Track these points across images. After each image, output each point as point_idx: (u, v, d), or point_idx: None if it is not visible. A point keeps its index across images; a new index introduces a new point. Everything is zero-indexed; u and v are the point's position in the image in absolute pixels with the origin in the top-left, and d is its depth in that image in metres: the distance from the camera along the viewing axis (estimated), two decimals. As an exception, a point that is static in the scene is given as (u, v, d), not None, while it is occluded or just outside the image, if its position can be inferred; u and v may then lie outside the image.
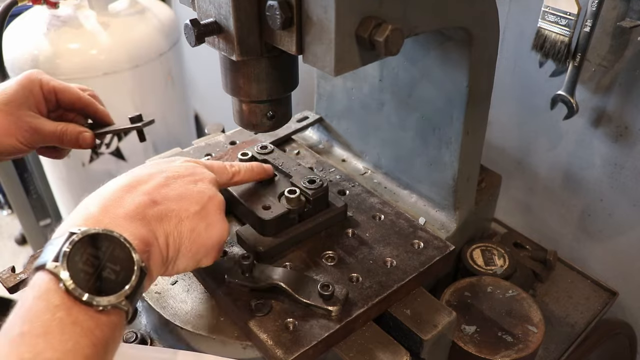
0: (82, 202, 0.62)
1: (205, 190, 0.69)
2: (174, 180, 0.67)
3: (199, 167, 0.73)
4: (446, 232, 0.91)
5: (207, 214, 0.67)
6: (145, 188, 0.64)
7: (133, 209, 0.60)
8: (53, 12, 1.65)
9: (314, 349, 0.67)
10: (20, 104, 0.86)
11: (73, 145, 0.90)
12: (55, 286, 0.49)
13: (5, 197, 2.81)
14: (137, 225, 0.58)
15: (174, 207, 0.64)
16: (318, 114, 1.14)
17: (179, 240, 0.64)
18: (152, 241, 0.59)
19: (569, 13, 0.96)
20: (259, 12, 0.62)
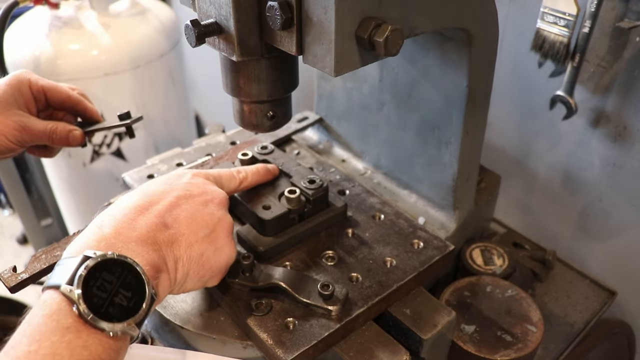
0: (96, 221, 0.63)
1: (215, 212, 0.69)
2: (184, 200, 0.67)
3: (209, 185, 0.73)
4: (446, 232, 0.92)
5: (216, 238, 0.68)
6: (157, 209, 0.64)
7: (145, 232, 0.60)
8: (54, 13, 1.66)
9: (314, 349, 0.67)
10: (10, 104, 0.86)
11: (63, 143, 0.91)
12: (67, 308, 0.50)
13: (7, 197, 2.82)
14: (149, 250, 0.59)
15: (184, 231, 0.64)
16: (318, 114, 1.14)
17: (188, 264, 0.64)
18: (162, 267, 0.60)
19: (567, 14, 0.96)
20: (259, 12, 0.62)
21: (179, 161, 1.03)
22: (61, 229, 2.46)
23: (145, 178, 0.98)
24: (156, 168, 1.01)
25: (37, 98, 0.90)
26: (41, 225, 2.45)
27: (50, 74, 1.57)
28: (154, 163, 1.03)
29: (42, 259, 0.77)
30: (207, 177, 0.75)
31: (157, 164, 1.03)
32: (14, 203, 2.23)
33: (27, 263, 0.76)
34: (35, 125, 0.88)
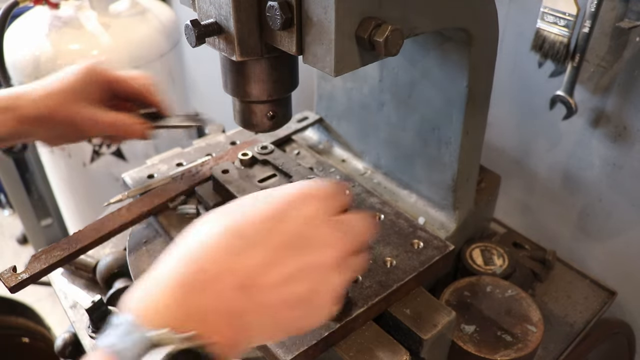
0: (187, 257, 0.49)
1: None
2: (286, 258, 0.50)
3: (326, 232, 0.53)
4: (446, 232, 0.92)
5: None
6: (247, 267, 0.49)
7: (226, 303, 0.48)
8: (54, 12, 1.66)
9: (314, 349, 0.67)
10: (78, 94, 0.86)
11: (126, 136, 0.91)
12: None
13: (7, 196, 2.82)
14: (227, 329, 0.47)
15: (277, 304, 0.50)
16: (318, 114, 1.14)
17: (272, 334, 0.53)
18: (236, 347, 0.49)
19: (567, 14, 0.96)
20: (259, 12, 0.62)
21: (179, 161, 1.03)
22: (61, 229, 2.47)
23: (145, 178, 0.98)
24: (156, 168, 1.01)
25: (104, 89, 0.90)
26: (41, 225, 2.45)
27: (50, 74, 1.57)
28: (154, 163, 1.04)
29: (42, 259, 0.77)
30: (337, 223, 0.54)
31: (157, 164, 1.03)
32: (14, 203, 2.23)
33: (27, 263, 0.76)
34: (101, 117, 0.88)
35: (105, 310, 0.90)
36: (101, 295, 0.91)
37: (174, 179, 0.94)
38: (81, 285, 1.02)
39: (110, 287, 0.97)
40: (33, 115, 0.85)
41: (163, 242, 0.89)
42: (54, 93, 0.86)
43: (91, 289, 1.01)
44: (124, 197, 0.92)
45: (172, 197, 0.90)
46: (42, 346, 1.56)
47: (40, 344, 1.56)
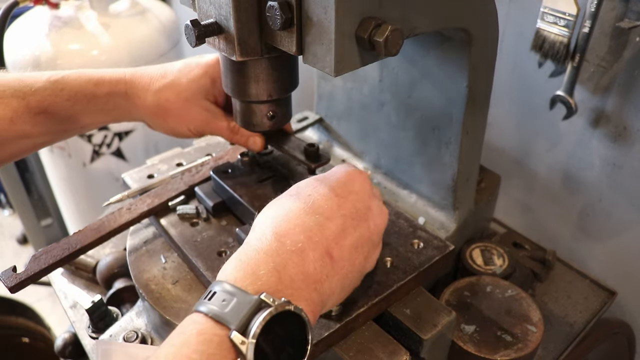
0: (273, 233, 0.56)
1: (376, 240, 0.66)
2: (352, 225, 0.61)
3: (374, 200, 0.67)
4: (446, 232, 0.92)
5: (367, 263, 0.65)
6: (326, 238, 0.58)
7: (312, 272, 0.55)
8: (54, 12, 1.66)
9: (314, 349, 0.67)
10: (201, 93, 0.85)
11: (241, 145, 0.88)
12: (227, 352, 0.46)
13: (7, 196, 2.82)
14: (312, 292, 0.54)
15: (346, 264, 0.59)
16: (318, 114, 1.14)
17: (338, 294, 0.61)
18: (318, 310, 0.56)
19: (567, 14, 0.96)
20: (259, 12, 0.62)
21: (179, 161, 1.03)
22: (61, 229, 2.47)
23: (145, 178, 0.98)
24: (156, 168, 1.01)
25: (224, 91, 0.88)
26: (41, 225, 2.45)
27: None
28: (154, 163, 1.04)
29: (42, 259, 0.77)
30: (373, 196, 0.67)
31: (157, 164, 1.03)
32: (14, 203, 2.23)
33: (27, 263, 0.76)
34: (219, 122, 0.86)
35: (105, 310, 0.90)
36: (101, 295, 0.92)
37: (174, 179, 0.94)
38: (81, 285, 1.02)
39: (110, 287, 0.97)
40: (151, 104, 0.83)
41: (163, 242, 0.89)
42: (174, 87, 0.83)
43: (91, 289, 1.01)
44: (124, 197, 0.92)
45: (172, 197, 0.90)
46: (42, 346, 1.56)
47: (40, 344, 1.56)
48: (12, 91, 0.78)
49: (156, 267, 0.84)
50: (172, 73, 0.85)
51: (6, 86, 0.78)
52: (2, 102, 0.77)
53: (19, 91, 0.78)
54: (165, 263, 0.84)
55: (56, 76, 0.81)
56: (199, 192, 0.90)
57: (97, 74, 0.83)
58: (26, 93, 0.78)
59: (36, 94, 0.79)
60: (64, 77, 0.81)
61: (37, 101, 0.79)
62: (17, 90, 0.78)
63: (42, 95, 0.79)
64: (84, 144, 1.71)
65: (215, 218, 0.88)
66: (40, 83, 0.79)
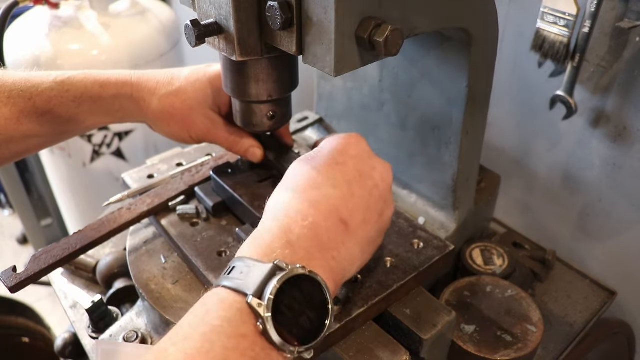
0: (282, 212, 0.58)
1: (385, 194, 0.66)
2: (357, 185, 0.62)
3: (374, 158, 0.68)
4: (446, 232, 0.92)
5: (383, 221, 0.66)
6: (333, 204, 0.59)
7: (326, 239, 0.57)
8: (54, 12, 1.66)
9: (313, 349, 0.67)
10: (206, 102, 0.85)
11: (240, 155, 0.89)
12: (248, 318, 0.48)
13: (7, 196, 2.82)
14: (329, 259, 0.56)
15: (359, 223, 0.61)
16: (318, 114, 1.14)
17: (359, 259, 0.62)
18: (340, 277, 0.57)
19: (567, 14, 0.96)
20: (259, 12, 0.62)
21: (179, 161, 1.03)
22: (61, 229, 2.47)
23: (145, 178, 0.98)
24: (156, 168, 1.01)
25: (225, 102, 0.88)
26: (41, 225, 2.45)
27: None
28: (154, 163, 1.04)
29: (42, 259, 0.77)
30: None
31: (157, 164, 1.03)
32: (14, 203, 2.23)
33: (27, 263, 0.76)
34: (220, 132, 0.87)
35: (105, 310, 0.90)
36: (101, 295, 0.92)
37: (174, 179, 0.94)
38: (81, 285, 1.02)
39: (110, 287, 0.97)
40: (155, 109, 0.84)
41: (163, 242, 0.89)
42: (179, 94, 0.84)
43: (91, 289, 1.01)
44: (124, 197, 0.92)
45: (172, 197, 0.90)
46: (42, 346, 1.56)
47: (40, 344, 1.56)
48: (19, 91, 0.78)
49: (156, 267, 0.84)
50: (179, 80, 0.86)
51: (13, 86, 0.79)
52: (9, 102, 0.78)
53: (25, 91, 0.79)
54: (165, 263, 0.84)
55: (62, 77, 0.81)
56: (199, 192, 0.90)
57: (103, 75, 0.84)
58: (33, 93, 0.79)
59: (43, 94, 0.79)
60: (70, 77, 0.82)
61: (44, 101, 0.80)
62: (24, 91, 0.79)
63: (49, 96, 0.80)
64: (84, 144, 1.71)
65: (215, 218, 0.88)
66: (46, 84, 0.80)
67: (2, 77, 0.79)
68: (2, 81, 0.79)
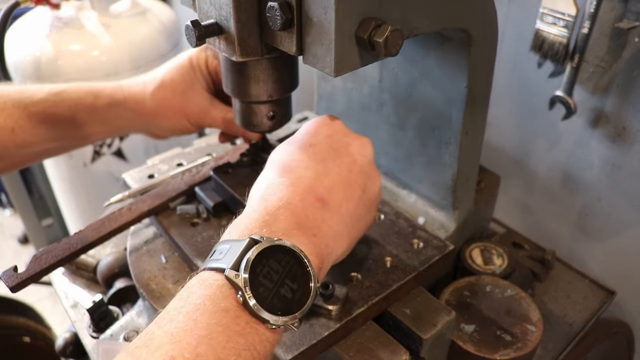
0: (255, 199, 0.59)
1: (367, 169, 0.65)
2: (333, 162, 0.62)
3: (350, 134, 0.68)
4: (445, 232, 0.92)
5: (368, 199, 0.65)
6: (307, 184, 0.59)
7: (304, 217, 0.57)
8: (55, 13, 1.66)
9: (314, 348, 0.67)
10: (192, 84, 0.86)
11: (239, 134, 0.89)
12: (228, 292, 0.48)
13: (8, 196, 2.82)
14: (310, 236, 0.56)
15: (341, 199, 0.61)
16: (318, 114, 1.14)
17: (347, 237, 0.62)
18: (324, 254, 0.57)
19: (567, 14, 0.97)
20: (259, 13, 0.62)
21: (180, 161, 1.03)
22: (62, 229, 2.47)
23: (145, 178, 0.98)
24: (156, 168, 1.01)
25: (214, 79, 0.88)
26: (42, 225, 2.45)
27: (50, 74, 1.58)
28: (155, 163, 1.04)
29: (42, 258, 0.77)
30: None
31: (158, 164, 1.03)
32: (15, 203, 2.24)
33: (27, 263, 0.76)
34: (215, 111, 0.87)
35: (106, 310, 0.90)
36: (102, 295, 0.92)
37: (175, 179, 0.94)
38: (82, 285, 1.03)
39: (110, 286, 0.97)
40: (150, 107, 0.85)
41: (163, 241, 0.89)
42: (167, 85, 0.85)
43: (92, 288, 1.01)
44: (125, 197, 0.93)
45: (172, 197, 0.90)
46: (43, 346, 1.56)
47: (41, 344, 1.57)
48: (13, 102, 0.80)
49: (157, 267, 0.84)
50: (162, 73, 0.87)
51: (7, 97, 0.80)
52: (3, 113, 0.79)
53: (20, 102, 0.80)
54: (165, 263, 0.84)
55: (57, 89, 0.83)
56: (200, 192, 0.90)
57: (96, 86, 0.86)
58: (27, 104, 0.80)
59: (37, 105, 0.81)
60: (65, 89, 0.83)
61: (38, 112, 0.81)
62: (18, 102, 0.80)
63: (44, 106, 0.81)
64: (85, 144, 1.71)
65: (215, 218, 0.88)
66: (41, 95, 0.81)
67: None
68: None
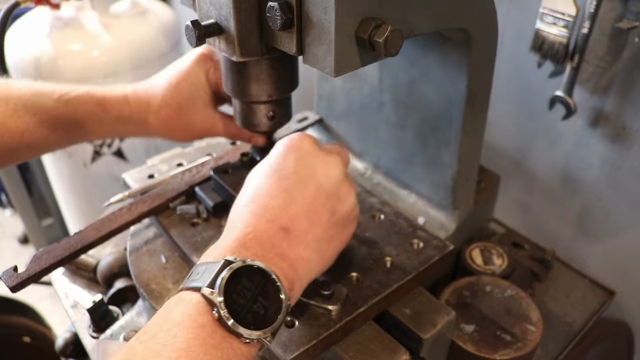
0: (232, 224, 0.62)
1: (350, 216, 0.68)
2: (300, 194, 0.63)
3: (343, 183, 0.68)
4: (445, 232, 0.92)
5: (336, 223, 0.66)
6: (273, 213, 0.61)
7: (271, 247, 0.59)
8: (55, 13, 1.66)
9: (314, 348, 0.67)
10: (194, 103, 0.87)
11: (246, 140, 0.91)
12: (205, 309, 0.50)
13: (8, 196, 2.82)
14: (281, 261, 0.59)
15: (305, 228, 0.62)
16: (318, 114, 1.14)
17: (315, 261, 0.63)
18: (294, 278, 0.60)
19: (567, 14, 0.97)
20: (259, 13, 0.62)
21: (180, 161, 1.03)
22: (62, 229, 2.47)
23: (145, 178, 0.98)
24: (157, 168, 1.01)
25: (215, 92, 0.89)
26: (42, 225, 2.45)
27: (50, 74, 1.58)
28: (155, 163, 1.04)
29: (42, 258, 0.77)
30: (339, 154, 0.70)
31: (158, 164, 1.03)
32: (15, 203, 2.24)
33: (28, 263, 0.76)
34: (220, 126, 0.89)
35: (106, 310, 0.90)
36: (102, 294, 0.92)
37: (175, 179, 0.95)
38: (82, 284, 1.03)
39: (110, 286, 0.98)
40: (154, 125, 0.87)
41: (164, 241, 0.89)
42: (169, 104, 0.86)
43: (92, 288, 1.02)
44: (125, 197, 0.93)
45: (172, 197, 0.90)
46: (43, 346, 1.56)
47: (41, 344, 1.57)
48: (25, 106, 0.81)
49: (157, 267, 0.84)
50: (164, 90, 0.87)
51: (18, 100, 0.81)
52: (14, 115, 0.80)
53: (31, 107, 0.82)
54: (165, 263, 0.85)
55: (67, 96, 0.84)
56: (200, 192, 0.90)
57: (106, 96, 0.86)
58: (38, 110, 0.82)
59: (48, 112, 0.83)
60: (75, 97, 0.84)
61: (50, 118, 0.83)
62: (30, 107, 0.81)
63: (54, 114, 0.83)
64: (85, 144, 1.71)
65: (215, 218, 0.88)
66: (51, 101, 0.83)
67: (8, 90, 0.81)
68: (8, 94, 0.81)
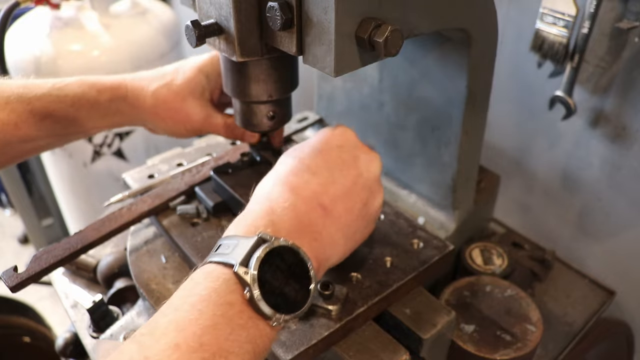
0: (262, 199, 0.61)
1: (371, 185, 0.67)
2: (340, 173, 0.64)
3: (360, 148, 0.69)
4: (445, 232, 0.92)
5: (367, 212, 0.66)
6: (313, 190, 0.61)
7: (307, 222, 0.59)
8: (55, 13, 1.66)
9: (314, 348, 0.67)
10: (197, 91, 0.87)
11: (238, 138, 0.91)
12: (235, 287, 0.49)
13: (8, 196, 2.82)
14: (311, 240, 0.58)
15: (341, 211, 0.62)
16: (318, 114, 1.14)
17: (343, 246, 0.63)
18: (322, 259, 0.59)
19: (567, 14, 0.97)
20: (259, 13, 0.62)
21: (180, 161, 1.03)
22: (62, 229, 2.47)
23: (145, 178, 0.98)
24: (157, 168, 1.02)
25: (220, 90, 0.89)
26: (42, 225, 2.45)
27: (51, 74, 1.57)
28: (155, 163, 1.04)
29: (42, 258, 0.77)
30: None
31: (158, 164, 1.03)
32: (15, 203, 2.24)
33: (28, 263, 0.76)
34: (214, 120, 0.88)
35: (106, 310, 0.90)
36: (102, 295, 0.92)
37: (175, 179, 0.95)
38: (82, 284, 1.03)
39: (111, 286, 0.98)
40: (149, 104, 0.86)
41: (164, 242, 0.89)
42: (171, 86, 0.86)
43: (92, 288, 1.02)
44: (125, 197, 0.93)
45: (172, 197, 0.90)
46: (43, 346, 1.56)
47: (41, 344, 1.57)
48: (17, 97, 0.80)
49: (157, 267, 0.84)
50: (169, 74, 0.88)
51: (10, 92, 0.80)
52: (7, 107, 0.80)
53: (23, 97, 0.81)
54: (165, 263, 0.85)
55: (60, 84, 0.84)
56: (200, 192, 0.90)
57: (99, 80, 0.86)
58: (31, 99, 0.81)
59: (41, 99, 0.82)
60: (68, 84, 0.84)
61: (42, 107, 0.82)
62: (22, 96, 0.81)
63: (47, 101, 0.82)
64: (85, 144, 1.71)
65: (215, 218, 0.88)
66: (44, 90, 0.82)
67: (1, 84, 0.81)
68: (1, 88, 0.80)
